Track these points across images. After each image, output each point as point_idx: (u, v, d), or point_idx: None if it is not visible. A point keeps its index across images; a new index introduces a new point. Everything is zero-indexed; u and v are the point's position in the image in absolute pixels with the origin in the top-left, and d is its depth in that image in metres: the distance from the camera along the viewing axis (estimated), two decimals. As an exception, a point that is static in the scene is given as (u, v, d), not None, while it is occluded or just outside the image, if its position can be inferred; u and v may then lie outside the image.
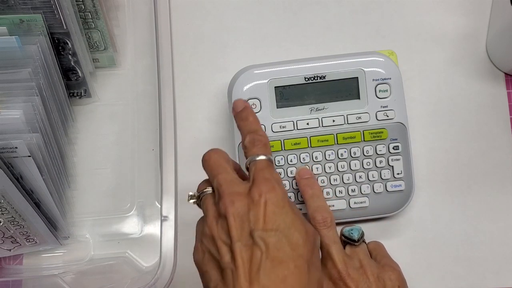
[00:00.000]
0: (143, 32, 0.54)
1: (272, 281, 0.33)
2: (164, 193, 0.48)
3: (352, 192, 0.47)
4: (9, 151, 0.40)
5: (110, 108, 0.53)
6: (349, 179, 0.47)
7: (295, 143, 0.46)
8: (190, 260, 0.49)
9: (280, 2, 0.55)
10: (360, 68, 0.46)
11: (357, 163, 0.47)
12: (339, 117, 0.46)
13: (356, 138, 0.46)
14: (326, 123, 0.46)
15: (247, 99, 0.46)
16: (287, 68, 0.46)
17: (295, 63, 0.47)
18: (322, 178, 0.47)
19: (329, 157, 0.47)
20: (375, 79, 0.46)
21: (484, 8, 0.54)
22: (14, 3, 0.43)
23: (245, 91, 0.46)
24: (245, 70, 0.47)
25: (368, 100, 0.46)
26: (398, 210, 0.48)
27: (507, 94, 0.53)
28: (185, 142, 0.52)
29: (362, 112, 0.46)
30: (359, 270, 0.41)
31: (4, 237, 0.46)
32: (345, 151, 0.46)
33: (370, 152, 0.46)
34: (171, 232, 0.47)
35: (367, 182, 0.47)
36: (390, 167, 0.47)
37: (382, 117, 0.46)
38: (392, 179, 0.47)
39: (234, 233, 0.34)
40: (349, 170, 0.47)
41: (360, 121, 0.46)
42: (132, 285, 0.47)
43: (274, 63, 0.47)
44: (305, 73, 0.46)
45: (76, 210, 0.50)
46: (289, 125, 0.46)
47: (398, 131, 0.47)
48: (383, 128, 0.46)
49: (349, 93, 0.47)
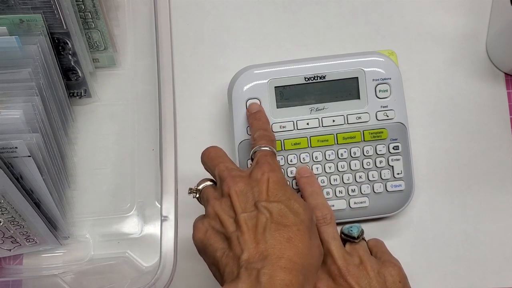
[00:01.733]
0: (143, 32, 0.54)
1: (277, 240, 0.34)
2: (164, 193, 0.48)
3: (352, 192, 0.47)
4: (9, 151, 0.40)
5: (110, 108, 0.53)
6: (349, 179, 0.47)
7: (295, 143, 0.46)
8: (190, 260, 0.49)
9: (280, 2, 0.55)
10: (360, 68, 0.46)
11: (357, 163, 0.47)
12: (339, 117, 0.46)
13: (356, 138, 0.46)
14: (326, 123, 0.46)
15: (247, 99, 0.46)
16: (287, 68, 0.46)
17: (295, 63, 0.47)
18: (322, 178, 0.47)
19: (329, 157, 0.47)
20: (375, 79, 0.46)
21: (484, 8, 0.54)
22: (14, 3, 0.43)
23: (245, 91, 0.46)
24: (245, 70, 0.47)
25: (368, 100, 0.46)
26: (398, 210, 0.48)
27: (507, 94, 0.53)
28: (185, 142, 0.52)
29: (362, 112, 0.46)
30: (359, 267, 0.41)
31: (4, 237, 0.46)
32: (345, 151, 0.46)
33: (370, 152, 0.47)
34: (171, 232, 0.47)
35: (367, 182, 0.47)
36: (390, 167, 0.47)
37: (382, 117, 0.46)
38: (392, 179, 0.47)
39: (238, 206, 0.36)
40: (349, 170, 0.47)
41: (360, 121, 0.46)
42: (132, 285, 0.47)
43: (274, 63, 0.47)
44: (305, 73, 0.46)
45: (76, 210, 0.50)
46: (289, 125, 0.46)
47: (398, 131, 0.47)
48: (383, 128, 0.47)
49: (349, 93, 0.47)
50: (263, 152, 0.40)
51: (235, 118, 0.47)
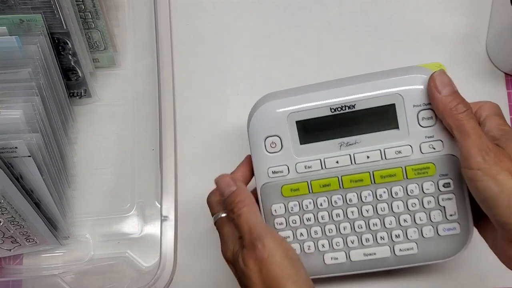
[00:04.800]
0: (143, 32, 0.54)
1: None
2: (164, 193, 0.48)
3: (397, 238, 0.40)
4: (9, 151, 0.40)
5: (110, 108, 0.53)
6: (392, 223, 0.40)
7: (324, 184, 0.40)
8: (190, 260, 0.49)
9: (280, 2, 0.55)
10: (396, 91, 0.38)
11: (400, 205, 0.39)
12: (375, 152, 0.39)
13: (396, 176, 0.39)
14: (360, 159, 0.39)
15: (265, 137, 0.39)
16: (308, 98, 0.39)
17: (316, 90, 0.39)
18: (359, 223, 0.40)
19: (366, 199, 0.40)
20: (417, 105, 0.38)
21: (484, 8, 0.54)
22: (14, 3, 0.43)
23: (263, 129, 0.39)
24: (260, 105, 0.40)
25: (409, 130, 0.38)
26: (454, 256, 0.41)
27: (507, 94, 0.53)
28: (185, 142, 0.52)
29: (402, 145, 0.39)
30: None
31: (4, 237, 0.46)
32: (384, 191, 0.39)
33: (415, 192, 0.39)
34: (171, 232, 0.47)
35: (413, 225, 0.40)
36: (441, 208, 0.39)
37: (427, 150, 0.38)
38: (445, 221, 0.39)
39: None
40: (390, 213, 0.40)
41: (401, 156, 0.39)
42: (132, 285, 0.47)
43: (291, 91, 0.40)
44: (330, 103, 0.38)
45: (76, 210, 0.50)
46: (316, 164, 0.39)
47: (448, 164, 0.38)
48: (430, 162, 0.39)
49: (385, 123, 0.39)
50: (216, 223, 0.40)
51: (255, 159, 0.40)
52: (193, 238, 0.50)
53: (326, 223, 0.40)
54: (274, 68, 0.53)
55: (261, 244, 0.35)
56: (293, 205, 0.40)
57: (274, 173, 0.40)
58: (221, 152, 0.52)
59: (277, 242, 0.35)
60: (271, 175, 0.40)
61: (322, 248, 0.41)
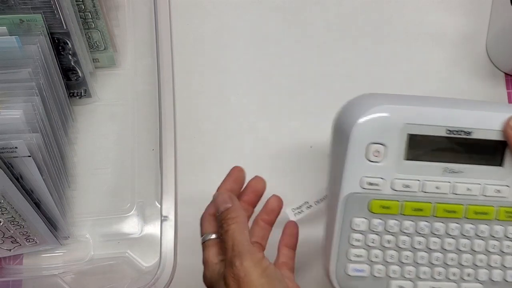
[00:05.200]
0: (143, 32, 0.54)
1: None
2: (164, 193, 0.48)
3: (467, 277, 0.38)
4: (9, 151, 0.40)
5: (110, 108, 0.53)
6: (468, 261, 0.38)
7: (417, 208, 0.37)
8: (190, 260, 0.49)
9: (280, 2, 0.55)
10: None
11: (481, 244, 0.38)
12: (476, 185, 0.37)
13: (488, 214, 0.37)
14: (460, 190, 0.37)
15: (368, 143, 0.36)
16: (428, 113, 0.36)
17: (435, 104, 0.36)
18: (437, 255, 0.38)
19: (453, 232, 0.37)
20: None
21: (484, 8, 0.54)
22: (14, 3, 0.43)
23: (369, 133, 0.36)
24: (369, 106, 0.36)
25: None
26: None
27: (507, 94, 0.53)
28: (185, 142, 0.52)
29: (501, 185, 0.37)
30: None
31: (4, 237, 0.46)
32: (472, 227, 0.37)
33: (499, 234, 0.38)
34: (171, 232, 0.47)
35: (486, 267, 0.38)
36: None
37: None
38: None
39: None
40: (470, 251, 0.38)
41: (498, 195, 0.37)
42: (132, 285, 0.47)
43: (403, 98, 0.37)
44: (449, 123, 0.36)
45: (76, 210, 0.50)
46: (414, 184, 0.37)
47: None
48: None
49: (491, 158, 0.37)
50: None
51: (348, 164, 0.36)
52: (193, 238, 0.50)
53: (405, 249, 0.38)
54: (274, 68, 0.53)
55: (239, 262, 0.35)
56: (377, 223, 0.37)
57: (368, 184, 0.36)
58: (221, 152, 0.52)
59: (255, 261, 0.35)
60: (364, 185, 0.36)
61: (392, 274, 0.38)
